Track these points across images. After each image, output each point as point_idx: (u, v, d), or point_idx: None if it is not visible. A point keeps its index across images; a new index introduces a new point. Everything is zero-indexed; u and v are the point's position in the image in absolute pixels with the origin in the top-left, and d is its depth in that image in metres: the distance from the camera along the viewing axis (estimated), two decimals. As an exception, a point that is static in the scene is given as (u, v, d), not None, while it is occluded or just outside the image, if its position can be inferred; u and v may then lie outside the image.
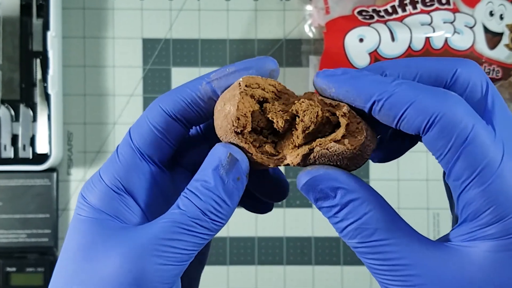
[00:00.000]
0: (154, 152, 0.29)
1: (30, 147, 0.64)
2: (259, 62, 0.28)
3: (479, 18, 0.62)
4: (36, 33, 0.64)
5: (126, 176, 0.28)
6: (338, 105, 0.27)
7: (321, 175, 0.26)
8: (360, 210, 0.26)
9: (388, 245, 0.25)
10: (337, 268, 0.67)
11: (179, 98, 0.28)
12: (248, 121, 0.27)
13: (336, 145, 0.26)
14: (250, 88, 0.27)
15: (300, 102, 0.27)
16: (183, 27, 0.68)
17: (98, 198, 0.28)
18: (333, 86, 0.27)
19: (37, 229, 0.64)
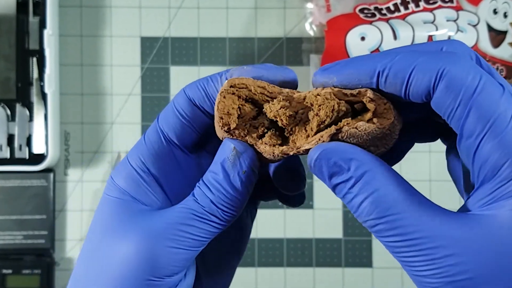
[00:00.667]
0: (179, 137, 0.30)
1: (26, 147, 0.64)
2: (273, 70, 0.29)
3: (483, 16, 0.62)
4: (32, 31, 0.64)
5: (151, 159, 0.29)
6: (360, 92, 0.27)
7: (333, 147, 0.26)
8: (376, 182, 0.25)
9: (407, 218, 0.24)
10: (339, 270, 0.67)
11: (201, 87, 0.29)
12: (231, 119, 0.28)
13: (365, 124, 0.26)
14: (235, 88, 0.28)
15: (316, 95, 0.27)
16: (182, 25, 0.67)
17: (124, 178, 0.29)
18: (334, 75, 0.27)
19: (33, 231, 0.64)
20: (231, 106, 0.28)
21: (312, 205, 0.67)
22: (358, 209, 0.25)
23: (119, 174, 0.29)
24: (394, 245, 0.24)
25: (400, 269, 0.66)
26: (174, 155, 0.30)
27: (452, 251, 0.23)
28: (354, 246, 0.67)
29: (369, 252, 0.67)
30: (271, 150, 0.28)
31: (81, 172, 0.67)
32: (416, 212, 0.24)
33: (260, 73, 0.28)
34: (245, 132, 0.28)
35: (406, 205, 0.24)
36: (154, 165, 0.29)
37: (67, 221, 0.67)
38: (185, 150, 0.30)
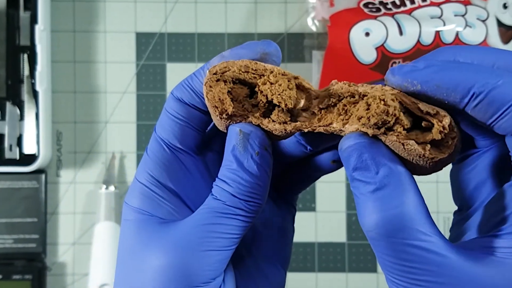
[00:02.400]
0: (181, 140, 0.29)
1: (17, 147, 0.63)
2: (252, 46, 0.28)
3: (492, 11, 0.61)
4: (23, 27, 0.64)
5: (158, 170, 0.29)
6: (438, 114, 0.24)
7: (372, 144, 0.25)
8: (398, 197, 0.24)
9: (415, 246, 0.23)
10: (342, 276, 0.66)
11: (187, 85, 0.29)
12: (226, 104, 0.27)
13: (415, 146, 0.24)
14: (218, 74, 0.28)
15: (380, 90, 0.25)
16: (179, 20, 0.67)
17: (137, 198, 0.29)
18: (418, 82, 0.24)
19: (24, 234, 0.64)
20: (221, 92, 0.27)
21: (314, 207, 0.67)
22: (365, 217, 0.24)
23: (131, 196, 0.29)
24: (391, 266, 0.23)
25: None
26: (180, 161, 0.29)
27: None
28: (358, 250, 0.66)
29: (374, 257, 0.66)
30: (282, 128, 0.28)
31: (74, 173, 0.67)
32: (430, 243, 0.23)
33: (239, 53, 0.28)
34: (246, 113, 0.28)
35: (420, 234, 0.23)
36: (163, 175, 0.29)
37: (60, 224, 0.66)
38: (191, 152, 0.30)
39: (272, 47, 0.28)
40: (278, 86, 0.27)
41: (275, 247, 0.32)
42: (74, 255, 0.65)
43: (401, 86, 0.25)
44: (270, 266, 0.32)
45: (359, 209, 0.25)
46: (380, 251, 0.24)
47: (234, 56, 0.28)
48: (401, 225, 0.23)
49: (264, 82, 0.28)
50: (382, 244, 0.23)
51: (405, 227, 0.23)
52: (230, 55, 0.28)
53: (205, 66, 0.29)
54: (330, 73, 0.61)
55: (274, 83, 0.28)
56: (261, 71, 0.28)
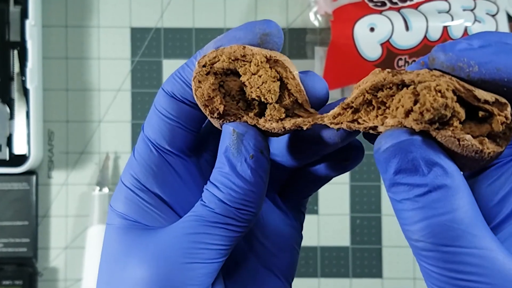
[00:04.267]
0: (170, 142, 0.28)
1: (6, 147, 0.63)
2: (249, 27, 0.26)
3: (502, 5, 0.61)
4: (13, 22, 0.63)
5: (144, 174, 0.28)
6: (498, 102, 0.22)
7: (421, 141, 0.22)
8: (453, 201, 0.21)
9: (473, 255, 0.21)
10: (346, 281, 0.66)
11: (178, 77, 0.27)
12: (216, 102, 0.26)
13: (472, 141, 0.22)
14: (208, 66, 0.26)
15: (430, 76, 0.22)
16: (176, 15, 0.67)
17: (122, 203, 0.28)
18: (476, 63, 0.22)
19: (14, 238, 0.64)
20: (210, 89, 0.25)
21: (317, 210, 0.66)
22: (413, 225, 0.22)
23: (116, 200, 0.28)
24: (440, 279, 0.21)
25: (412, 279, 0.66)
26: (169, 164, 0.28)
27: None
28: (362, 255, 0.66)
29: (379, 262, 0.66)
30: (280, 126, 0.26)
31: (66, 174, 0.67)
32: (487, 251, 0.21)
33: (236, 36, 0.26)
34: (240, 112, 0.26)
35: (477, 240, 0.21)
36: (149, 180, 0.27)
37: (51, 227, 0.66)
38: (181, 155, 0.28)
39: (272, 27, 0.26)
40: (257, 77, 0.25)
41: (277, 257, 0.30)
42: (66, 260, 0.65)
43: (454, 67, 0.22)
44: (271, 278, 0.30)
45: (402, 216, 0.22)
46: (430, 263, 0.22)
47: (230, 40, 0.26)
48: (458, 232, 0.21)
49: (245, 72, 0.25)
50: (433, 255, 0.21)
51: (462, 234, 0.21)
52: (225, 39, 0.26)
53: (198, 54, 0.27)
54: (333, 70, 0.61)
55: (255, 73, 0.25)
56: (249, 57, 0.26)
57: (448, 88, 0.22)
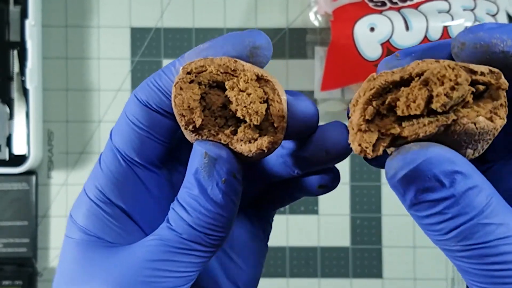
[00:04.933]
0: (140, 153, 0.26)
1: (6, 147, 0.63)
2: (238, 38, 0.25)
3: (503, 5, 0.61)
4: (13, 22, 0.63)
5: (109, 186, 0.26)
6: (492, 72, 0.22)
7: (438, 155, 0.21)
8: (481, 200, 0.21)
9: (510, 244, 0.21)
10: (346, 281, 0.66)
11: (154, 85, 0.25)
12: (195, 114, 0.24)
13: (485, 121, 0.21)
14: (193, 74, 0.24)
15: (431, 63, 0.22)
16: (176, 15, 0.67)
17: (84, 215, 0.26)
18: (509, 37, 0.22)
19: (14, 238, 0.64)
20: (192, 99, 0.24)
21: (317, 210, 0.66)
22: (446, 234, 0.22)
23: (78, 211, 0.26)
24: (481, 273, 0.21)
25: (413, 280, 0.66)
26: (137, 176, 0.26)
27: None
28: (363, 255, 0.66)
29: (379, 262, 0.66)
30: (247, 148, 0.24)
31: (65, 174, 0.66)
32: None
33: (222, 47, 0.25)
34: (217, 128, 0.25)
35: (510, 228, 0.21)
36: (114, 193, 0.26)
37: (51, 228, 0.66)
38: (151, 167, 0.27)
39: (262, 39, 0.25)
40: (245, 95, 0.24)
41: (244, 271, 0.30)
42: (66, 260, 0.64)
43: (489, 44, 0.22)
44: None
45: (432, 229, 0.22)
46: (468, 261, 0.22)
47: (216, 50, 0.25)
48: (492, 227, 0.21)
49: (232, 86, 0.24)
50: (470, 254, 0.21)
51: (497, 227, 0.21)
52: (211, 50, 0.25)
53: (176, 62, 0.25)
54: (333, 70, 0.61)
55: (243, 91, 0.24)
56: (239, 72, 0.24)
57: (456, 65, 0.21)
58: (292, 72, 0.66)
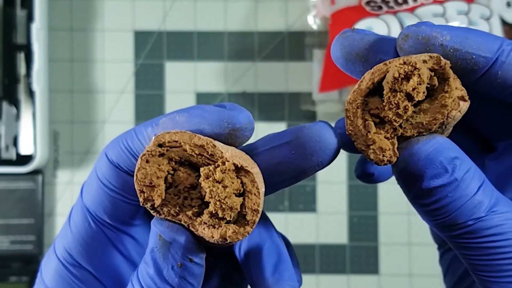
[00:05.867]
0: (111, 215, 0.25)
1: (13, 147, 0.63)
2: (216, 115, 0.23)
3: (496, 9, 0.61)
4: (20, 25, 0.64)
5: (78, 249, 0.25)
6: (432, 57, 0.23)
7: (442, 143, 0.23)
8: (475, 182, 0.23)
9: (510, 218, 0.22)
10: (343, 277, 0.66)
11: (125, 147, 0.24)
12: (155, 193, 0.22)
13: (465, 104, 0.23)
14: (165, 148, 0.22)
15: (400, 63, 0.23)
16: (178, 19, 0.67)
17: (50, 276, 0.25)
18: (448, 33, 0.23)
19: (21, 236, 0.64)
20: (156, 175, 0.22)
21: (315, 208, 0.66)
22: (451, 215, 0.23)
23: (46, 269, 0.25)
24: (490, 245, 0.22)
25: (408, 276, 0.66)
26: (107, 238, 0.25)
27: None
28: (360, 252, 0.66)
29: (376, 259, 0.66)
30: (210, 234, 0.22)
31: (71, 174, 0.66)
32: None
33: (199, 124, 0.23)
34: (178, 208, 0.22)
35: (509, 203, 0.23)
36: (83, 256, 0.25)
37: (57, 225, 0.66)
38: (122, 227, 0.25)
39: (243, 120, 0.23)
40: (221, 188, 0.21)
41: None
42: (72, 257, 0.65)
43: (429, 37, 0.23)
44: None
45: (438, 213, 0.23)
46: (479, 236, 0.23)
47: (191, 126, 0.23)
48: (492, 201, 0.22)
49: (208, 175, 0.22)
50: (481, 225, 0.22)
51: (497, 201, 0.23)
52: (187, 122, 0.23)
53: (149, 125, 0.24)
54: (331, 72, 0.61)
55: (219, 182, 0.22)
56: (217, 158, 0.22)
57: (403, 58, 0.23)
58: (291, 74, 0.66)
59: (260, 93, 0.66)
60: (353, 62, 0.25)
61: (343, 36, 0.25)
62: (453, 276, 0.29)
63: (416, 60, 0.22)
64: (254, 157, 0.23)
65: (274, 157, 0.23)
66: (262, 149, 0.24)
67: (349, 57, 0.25)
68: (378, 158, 0.23)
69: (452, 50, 0.23)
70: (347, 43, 0.25)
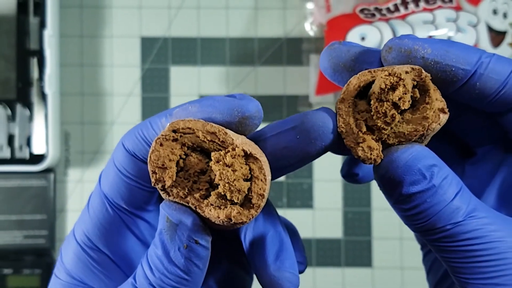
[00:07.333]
0: (128, 201, 0.25)
1: (27, 147, 0.64)
2: (227, 104, 0.23)
3: (483, 16, 0.62)
4: (33, 32, 0.64)
5: (96, 233, 0.25)
6: (413, 69, 0.23)
7: (420, 151, 0.23)
8: (453, 188, 0.23)
9: (493, 222, 0.22)
10: (338, 270, 0.66)
11: (140, 136, 0.24)
12: (167, 174, 0.22)
13: (444, 116, 0.23)
14: (179, 133, 0.23)
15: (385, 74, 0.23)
16: (182, 26, 0.67)
17: (70, 259, 0.25)
18: (429, 46, 0.23)
19: (34, 230, 0.64)
20: (168, 158, 0.22)
21: (312, 205, 0.67)
22: (430, 219, 0.23)
23: (66, 252, 0.26)
24: (468, 248, 0.22)
25: (400, 269, 0.66)
26: (124, 223, 0.26)
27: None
28: (354, 246, 0.66)
29: (369, 252, 0.66)
30: (215, 214, 0.22)
31: (81, 172, 0.67)
32: (494, 217, 0.23)
33: (211, 113, 0.23)
34: (186, 190, 0.23)
35: (485, 209, 0.23)
36: (101, 240, 0.25)
37: (67, 221, 0.67)
38: (138, 212, 0.26)
39: (251, 109, 0.23)
40: (230, 172, 0.22)
41: None
42: (82, 251, 0.66)
43: (411, 49, 0.23)
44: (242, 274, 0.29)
45: (418, 218, 0.23)
46: (457, 240, 0.23)
47: (204, 115, 0.23)
48: (471, 206, 0.23)
49: (218, 159, 0.22)
50: (459, 230, 0.22)
51: (475, 206, 0.23)
52: (199, 111, 0.23)
53: (163, 116, 0.24)
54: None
55: (229, 166, 0.22)
56: (227, 145, 0.22)
57: (387, 69, 0.23)
58: (289, 78, 0.67)
59: (260, 95, 0.67)
60: (340, 72, 0.25)
61: (330, 48, 0.25)
62: (435, 276, 0.29)
63: (401, 71, 0.23)
64: (262, 143, 0.24)
65: (281, 142, 0.23)
66: (269, 135, 0.24)
67: (336, 67, 0.25)
68: (366, 156, 0.23)
69: (433, 63, 0.23)
70: (334, 54, 0.25)
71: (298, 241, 0.28)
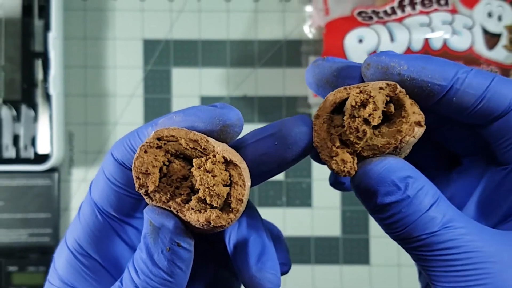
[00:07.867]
0: (117, 208, 0.26)
1: (31, 147, 0.64)
2: (208, 113, 0.24)
3: (478, 19, 0.62)
4: (37, 34, 0.64)
5: (87, 239, 0.26)
6: (389, 85, 0.24)
7: (394, 164, 0.23)
8: (428, 199, 0.23)
9: (470, 232, 0.23)
10: (336, 268, 0.67)
11: (128, 146, 0.25)
12: (150, 179, 0.23)
13: (420, 129, 0.23)
14: (163, 141, 0.23)
15: (358, 91, 0.23)
16: (184, 28, 0.68)
17: (62, 265, 0.26)
18: (406, 63, 0.24)
19: (38, 229, 0.64)
20: (152, 164, 0.23)
21: (310, 203, 0.67)
22: (405, 229, 0.23)
23: (59, 259, 0.26)
24: (444, 258, 0.23)
25: (397, 266, 0.66)
26: (113, 230, 0.26)
27: (503, 267, 0.22)
28: (352, 244, 0.66)
29: (367, 250, 0.66)
30: (195, 218, 0.23)
31: (85, 172, 0.67)
32: (470, 228, 0.23)
33: (194, 122, 0.24)
34: (169, 195, 0.23)
35: (461, 220, 0.23)
36: (92, 246, 0.26)
37: (71, 219, 0.66)
38: (127, 219, 0.26)
39: (232, 117, 0.24)
40: (210, 177, 0.23)
41: None
42: (85, 249, 0.66)
43: (388, 66, 0.24)
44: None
45: (394, 227, 0.23)
46: (432, 250, 0.23)
47: (188, 123, 0.24)
48: (448, 216, 0.23)
49: (199, 165, 0.23)
50: (435, 240, 0.22)
51: (453, 215, 0.23)
52: (182, 121, 0.24)
53: (149, 125, 0.25)
54: None
55: (209, 171, 0.23)
56: (209, 152, 0.23)
57: (359, 86, 0.24)
58: (288, 79, 0.67)
59: (259, 97, 0.67)
60: (323, 88, 0.26)
61: (314, 65, 0.26)
62: (425, 278, 0.28)
63: (371, 89, 0.23)
64: (243, 149, 0.25)
65: (260, 148, 0.24)
66: (249, 142, 0.25)
67: (319, 83, 0.26)
68: (340, 169, 0.24)
69: (409, 79, 0.24)
70: (318, 70, 0.26)
71: (281, 244, 0.29)
